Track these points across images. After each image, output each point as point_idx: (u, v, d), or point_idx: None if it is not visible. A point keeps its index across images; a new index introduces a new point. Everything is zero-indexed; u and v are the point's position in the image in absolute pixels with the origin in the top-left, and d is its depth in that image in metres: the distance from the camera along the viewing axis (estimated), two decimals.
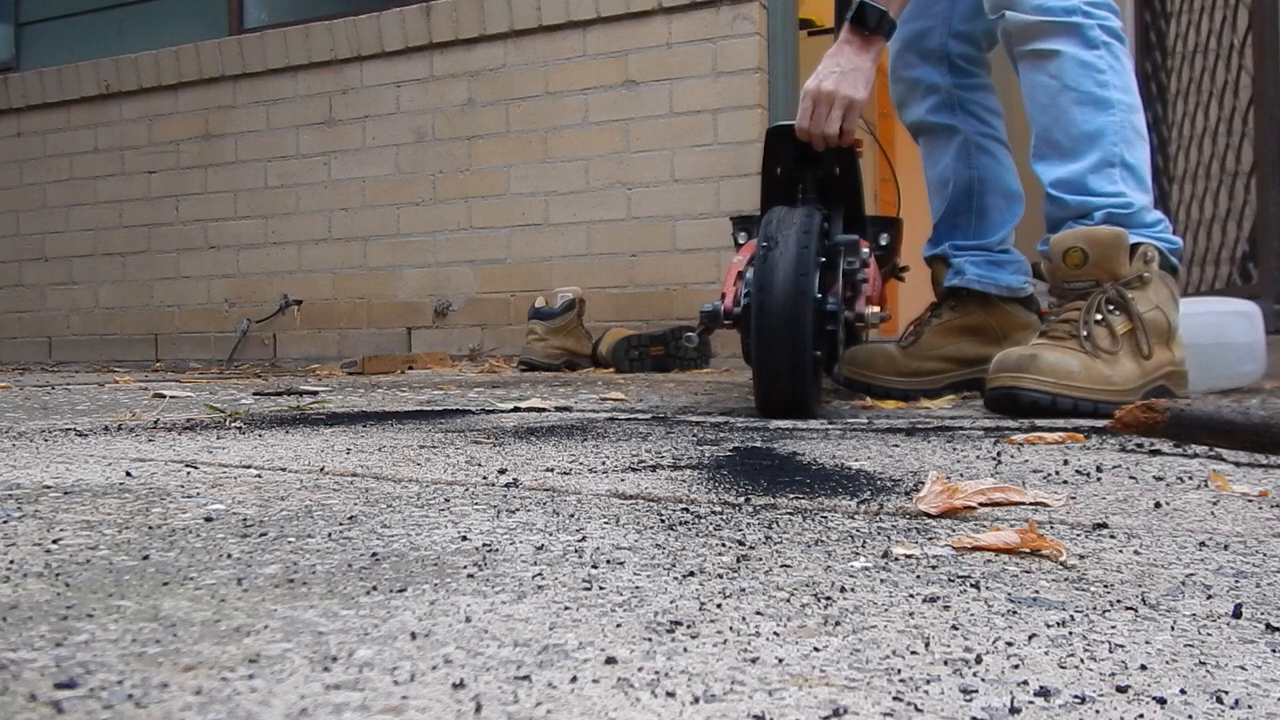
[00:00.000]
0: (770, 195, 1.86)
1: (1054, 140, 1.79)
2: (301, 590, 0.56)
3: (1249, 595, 0.57)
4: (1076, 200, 1.75)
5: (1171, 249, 1.77)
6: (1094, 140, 1.75)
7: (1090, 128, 1.75)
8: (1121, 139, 1.75)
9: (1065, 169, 1.77)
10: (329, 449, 1.20)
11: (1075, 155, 1.76)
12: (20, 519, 0.76)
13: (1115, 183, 1.74)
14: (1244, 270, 3.07)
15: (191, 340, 4.89)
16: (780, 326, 1.56)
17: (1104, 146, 1.75)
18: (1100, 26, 1.77)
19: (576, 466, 1.04)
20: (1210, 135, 3.30)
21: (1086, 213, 1.74)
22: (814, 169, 1.84)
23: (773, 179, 1.87)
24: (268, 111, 4.68)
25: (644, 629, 0.49)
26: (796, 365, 1.57)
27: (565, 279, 4.04)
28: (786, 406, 1.61)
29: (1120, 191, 1.74)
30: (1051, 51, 1.77)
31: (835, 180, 1.85)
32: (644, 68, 4.00)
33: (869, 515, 0.79)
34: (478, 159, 4.29)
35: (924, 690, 0.42)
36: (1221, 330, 2.23)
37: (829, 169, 1.84)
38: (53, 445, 1.25)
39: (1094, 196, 1.74)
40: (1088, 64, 1.75)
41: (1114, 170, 1.74)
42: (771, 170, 1.87)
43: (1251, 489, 0.91)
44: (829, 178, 1.85)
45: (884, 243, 2.08)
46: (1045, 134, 1.81)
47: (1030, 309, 2.12)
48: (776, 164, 1.87)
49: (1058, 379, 1.57)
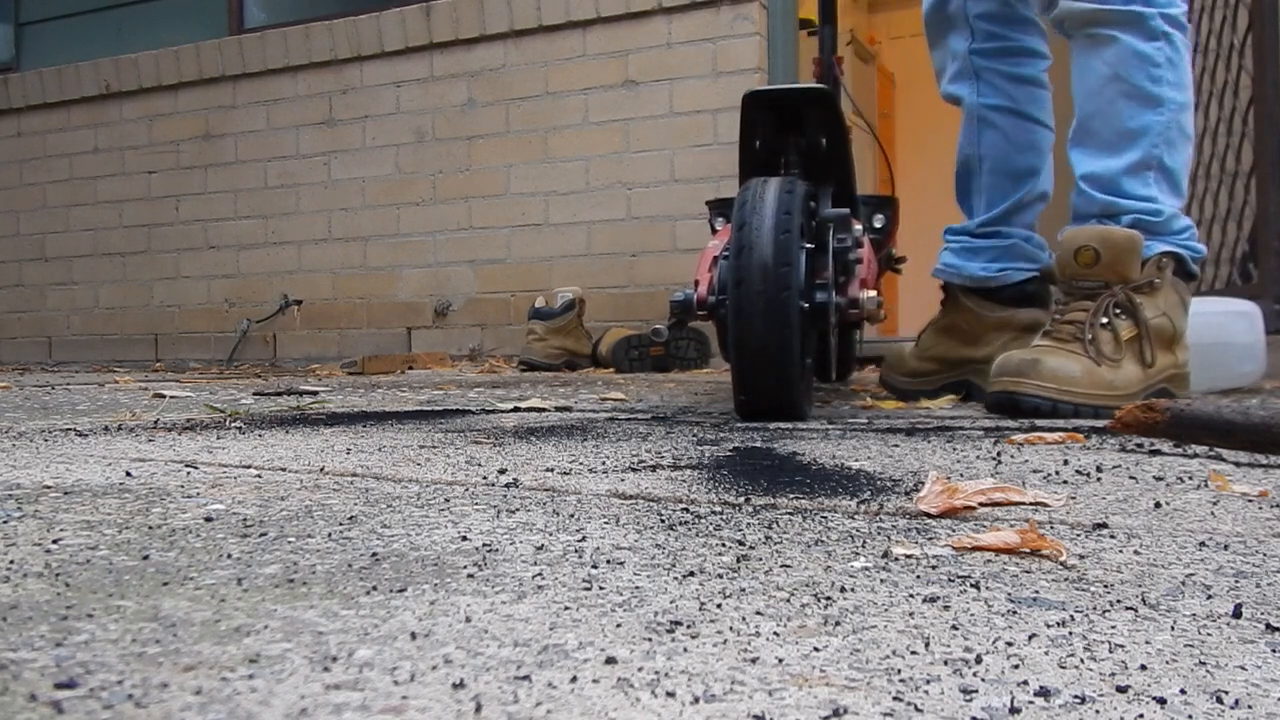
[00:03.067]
0: (749, 172, 1.67)
1: (1094, 130, 1.72)
2: (301, 590, 0.56)
3: (1249, 595, 0.57)
4: (1105, 199, 1.69)
5: (1194, 256, 1.72)
6: (1136, 139, 1.68)
7: (1135, 124, 1.68)
8: (1165, 140, 1.68)
9: (1101, 164, 1.71)
10: (329, 449, 1.20)
11: (1114, 151, 1.70)
12: (20, 519, 0.76)
13: (1149, 186, 1.68)
14: (1244, 270, 3.07)
15: (191, 340, 4.89)
16: (762, 331, 1.39)
17: (1145, 147, 1.68)
18: (1162, 15, 1.67)
19: (576, 466, 1.04)
20: (1210, 135, 3.30)
21: (1113, 214, 1.69)
22: (797, 139, 1.67)
23: (751, 153, 1.69)
24: (268, 111, 4.68)
25: (644, 629, 0.49)
26: (783, 373, 1.42)
27: (565, 279, 4.04)
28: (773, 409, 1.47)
29: (1153, 196, 1.68)
30: (1109, 38, 1.69)
31: (822, 153, 1.67)
32: (644, 68, 4.00)
33: (869, 515, 0.79)
34: (478, 159, 4.29)
35: (924, 690, 0.42)
36: (1221, 330, 2.23)
37: (814, 139, 1.66)
38: (53, 445, 1.25)
39: (1124, 199, 1.68)
40: (1145, 56, 1.67)
41: (1150, 173, 1.69)
42: (750, 143, 1.69)
43: (1251, 489, 0.91)
44: (814, 149, 1.67)
45: (879, 224, 1.93)
46: (1087, 121, 1.73)
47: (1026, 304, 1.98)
48: (755, 136, 1.68)
49: (1059, 384, 1.54)
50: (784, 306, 1.39)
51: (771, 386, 1.44)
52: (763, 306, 1.39)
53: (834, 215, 1.59)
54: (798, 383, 1.46)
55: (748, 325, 1.41)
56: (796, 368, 1.44)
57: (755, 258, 1.39)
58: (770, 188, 1.45)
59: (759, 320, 1.39)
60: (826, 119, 1.66)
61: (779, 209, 1.41)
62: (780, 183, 1.47)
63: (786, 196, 1.44)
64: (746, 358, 1.43)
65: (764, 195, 1.43)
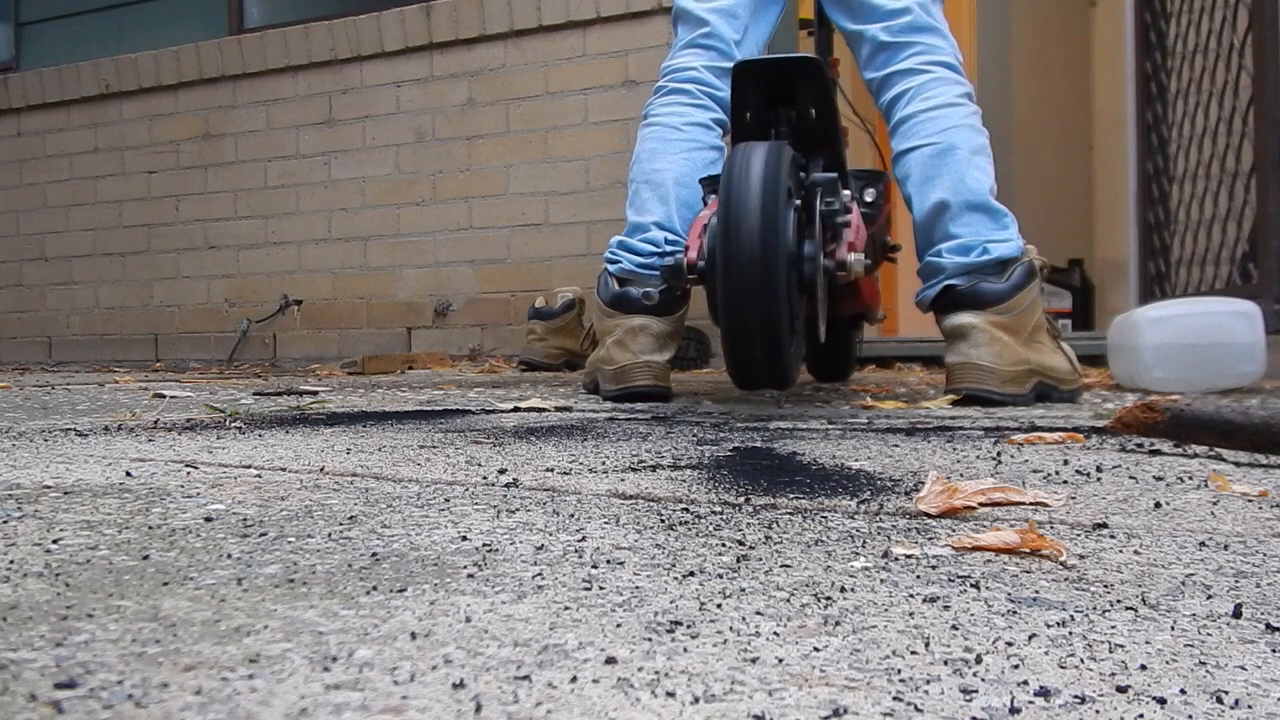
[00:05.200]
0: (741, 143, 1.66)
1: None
2: (301, 590, 0.56)
3: (1249, 595, 0.57)
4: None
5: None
6: None
7: None
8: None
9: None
10: (329, 449, 1.20)
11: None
12: (20, 519, 0.76)
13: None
14: (1244, 270, 3.07)
15: (191, 340, 4.89)
16: (750, 277, 1.38)
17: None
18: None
19: (576, 466, 1.04)
20: (1210, 135, 3.30)
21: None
22: (787, 110, 1.67)
23: (743, 124, 1.70)
24: (268, 111, 4.68)
25: (644, 629, 0.49)
26: (770, 321, 1.40)
27: (565, 279, 4.04)
28: (761, 371, 1.45)
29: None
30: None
31: (812, 125, 1.68)
32: (644, 68, 4.00)
33: (869, 515, 0.79)
34: (478, 159, 4.29)
35: (924, 690, 0.42)
36: (1221, 330, 2.24)
37: (804, 111, 1.67)
38: (53, 445, 1.25)
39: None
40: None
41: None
42: (741, 114, 1.69)
43: (1251, 489, 0.91)
44: (804, 121, 1.68)
45: (870, 199, 1.93)
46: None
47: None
48: (746, 109, 1.69)
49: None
50: (771, 267, 1.39)
51: (759, 347, 1.43)
52: (749, 268, 1.38)
53: (822, 179, 1.60)
54: (786, 344, 1.45)
55: (734, 286, 1.40)
56: (785, 328, 1.43)
57: (742, 219, 1.39)
58: (757, 151, 1.45)
59: (746, 281, 1.39)
60: (816, 90, 1.66)
61: (766, 172, 1.41)
62: (768, 146, 1.47)
63: (774, 159, 1.44)
64: (736, 319, 1.42)
65: (751, 159, 1.44)
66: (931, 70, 1.96)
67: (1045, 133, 5.41)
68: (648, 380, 1.91)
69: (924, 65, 1.97)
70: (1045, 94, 5.47)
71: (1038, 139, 5.39)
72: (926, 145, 1.92)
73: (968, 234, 1.89)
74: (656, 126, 2.08)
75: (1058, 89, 5.44)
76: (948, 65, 1.98)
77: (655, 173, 2.02)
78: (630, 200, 2.07)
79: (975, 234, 1.89)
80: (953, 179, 1.89)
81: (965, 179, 1.89)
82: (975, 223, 1.90)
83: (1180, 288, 3.49)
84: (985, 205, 1.90)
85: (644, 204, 2.02)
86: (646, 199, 2.02)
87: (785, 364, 1.45)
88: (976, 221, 1.90)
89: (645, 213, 2.01)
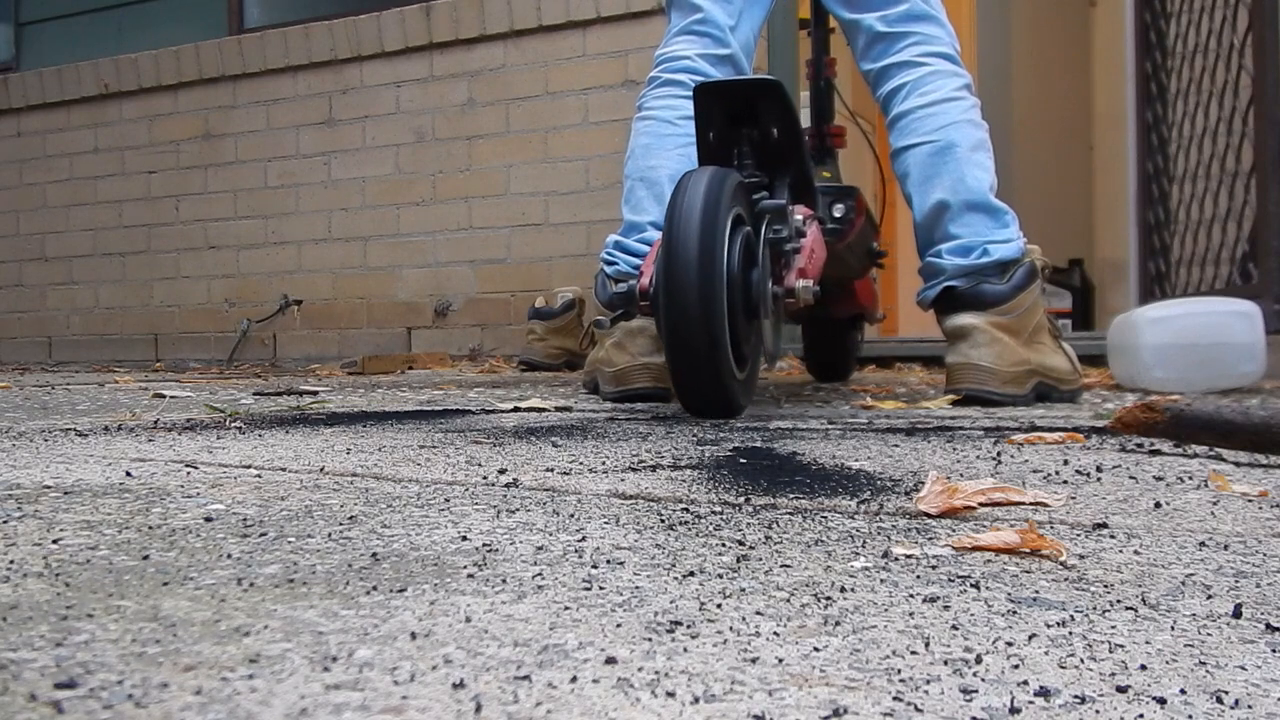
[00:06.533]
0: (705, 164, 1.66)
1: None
2: (301, 590, 0.56)
3: (1249, 595, 0.57)
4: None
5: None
6: None
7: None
8: None
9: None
10: (329, 449, 1.20)
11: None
12: (20, 519, 0.76)
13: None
14: (1244, 270, 3.07)
15: (191, 340, 4.89)
16: (687, 305, 1.39)
17: None
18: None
19: (576, 466, 1.04)
20: (1210, 135, 3.30)
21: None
22: (750, 130, 1.67)
23: (706, 144, 1.69)
24: (268, 111, 4.68)
25: (644, 629, 0.49)
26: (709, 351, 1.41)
27: (565, 279, 4.04)
28: (704, 398, 1.47)
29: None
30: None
31: (775, 144, 1.67)
32: (644, 68, 3.98)
33: (869, 515, 0.79)
34: (478, 159, 4.29)
35: (924, 690, 0.42)
36: (1221, 330, 2.24)
37: (766, 130, 1.67)
38: (53, 445, 1.25)
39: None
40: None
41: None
42: (705, 135, 1.69)
43: (1251, 489, 0.91)
44: (767, 140, 1.67)
45: (839, 214, 1.91)
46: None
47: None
48: (709, 128, 1.68)
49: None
50: (708, 297, 1.40)
51: (701, 376, 1.45)
52: (687, 296, 1.40)
53: (770, 206, 1.60)
54: (727, 373, 1.46)
55: (675, 316, 1.42)
56: (725, 357, 1.44)
57: (682, 249, 1.41)
58: (702, 179, 1.47)
59: (684, 310, 1.41)
60: (778, 110, 1.66)
61: (707, 200, 1.42)
62: (710, 174, 1.48)
63: (715, 188, 1.45)
64: (676, 347, 1.44)
65: (694, 188, 1.45)
66: (929, 63, 1.95)
67: (1045, 133, 5.41)
68: (647, 382, 1.91)
69: (921, 57, 1.95)
70: (1045, 94, 5.47)
71: (1038, 139, 5.39)
72: (925, 143, 1.92)
73: (968, 235, 1.89)
74: (651, 120, 2.06)
75: (1058, 89, 5.43)
76: (945, 56, 1.97)
77: (650, 170, 2.01)
78: (626, 197, 2.06)
79: (975, 234, 1.89)
80: (952, 178, 1.89)
81: (965, 178, 1.89)
82: (975, 223, 1.90)
83: (1180, 288, 3.49)
84: (985, 204, 1.89)
85: (639, 202, 2.01)
86: (642, 197, 2.01)
87: (728, 392, 1.46)
88: (977, 221, 1.90)
89: (641, 212, 2.00)
